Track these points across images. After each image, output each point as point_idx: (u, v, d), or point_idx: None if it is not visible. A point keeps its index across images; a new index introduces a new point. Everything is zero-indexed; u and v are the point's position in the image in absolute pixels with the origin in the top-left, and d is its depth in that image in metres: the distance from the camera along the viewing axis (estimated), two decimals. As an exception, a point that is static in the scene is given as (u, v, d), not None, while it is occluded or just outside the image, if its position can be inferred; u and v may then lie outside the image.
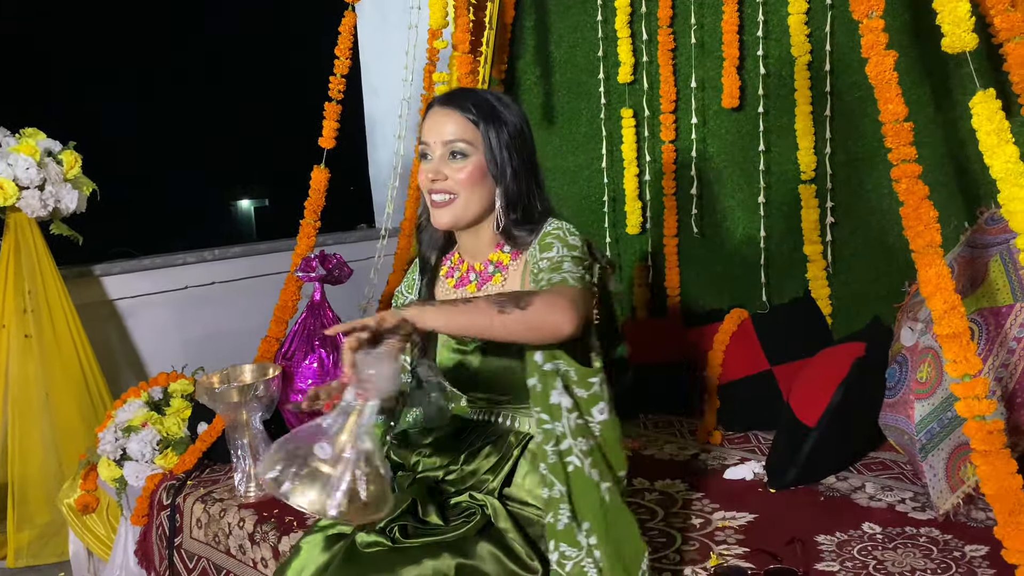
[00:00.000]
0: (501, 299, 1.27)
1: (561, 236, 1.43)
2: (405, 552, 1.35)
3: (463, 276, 1.57)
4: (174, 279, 3.31)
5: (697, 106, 2.58)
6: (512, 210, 1.46)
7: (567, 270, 1.36)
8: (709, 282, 2.70)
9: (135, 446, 2.37)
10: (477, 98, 1.48)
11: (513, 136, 1.45)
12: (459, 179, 1.43)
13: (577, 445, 1.37)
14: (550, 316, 1.26)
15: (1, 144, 2.58)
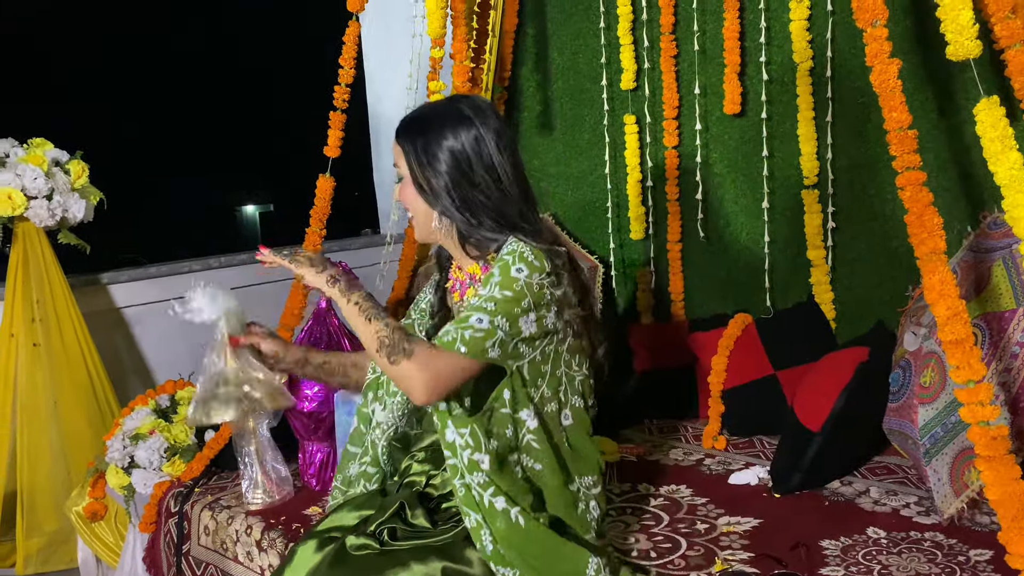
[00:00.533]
0: (384, 338, 1.36)
1: (506, 265, 1.41)
2: (393, 555, 1.39)
3: (454, 283, 1.63)
4: (180, 286, 3.31)
5: (700, 112, 2.59)
6: (462, 222, 1.47)
7: (469, 327, 1.35)
8: (713, 287, 2.71)
9: (143, 454, 2.38)
10: (413, 119, 1.52)
11: (438, 151, 1.46)
12: (402, 197, 1.54)
13: (475, 479, 1.40)
14: (409, 382, 1.36)
15: (9, 155, 2.61)
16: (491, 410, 1.43)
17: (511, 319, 1.38)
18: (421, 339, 1.40)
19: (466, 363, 1.36)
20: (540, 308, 1.41)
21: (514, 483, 1.42)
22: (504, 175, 1.46)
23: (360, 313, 1.41)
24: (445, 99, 1.61)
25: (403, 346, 1.34)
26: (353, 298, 1.43)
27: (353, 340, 2.19)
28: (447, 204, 1.47)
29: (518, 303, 1.38)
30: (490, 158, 1.46)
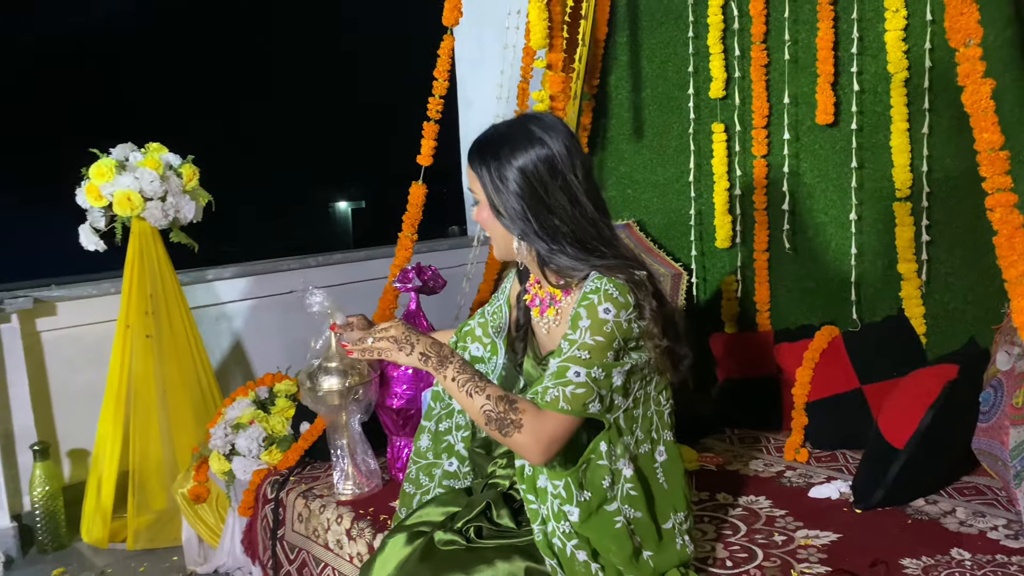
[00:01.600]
0: (490, 412, 1.36)
1: (593, 307, 1.39)
2: (479, 552, 1.45)
3: (534, 297, 1.64)
4: (279, 284, 3.50)
5: (790, 122, 2.57)
6: (542, 245, 1.46)
7: (568, 383, 1.36)
8: (799, 298, 2.68)
9: (243, 442, 2.53)
10: (485, 142, 1.50)
11: (513, 175, 1.44)
12: (481, 221, 1.54)
13: (560, 527, 1.41)
14: (523, 451, 1.38)
15: (129, 159, 2.80)
16: (587, 462, 1.43)
17: (606, 369, 1.38)
18: (524, 404, 1.38)
19: (570, 420, 1.37)
20: (629, 344, 1.42)
21: (604, 535, 1.42)
22: (578, 193, 1.45)
23: (460, 389, 1.40)
24: (515, 119, 1.56)
25: (510, 418, 1.35)
26: (449, 374, 1.41)
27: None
28: (524, 228, 1.46)
29: (610, 346, 1.38)
30: (563, 178, 1.44)
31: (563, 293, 1.54)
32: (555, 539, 1.41)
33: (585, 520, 1.41)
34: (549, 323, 1.58)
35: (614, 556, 1.43)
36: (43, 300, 3.01)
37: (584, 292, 1.43)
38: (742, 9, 2.63)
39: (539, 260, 1.49)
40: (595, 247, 1.46)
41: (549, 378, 1.38)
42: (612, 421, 1.43)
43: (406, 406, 2.24)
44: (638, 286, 1.43)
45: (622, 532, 1.43)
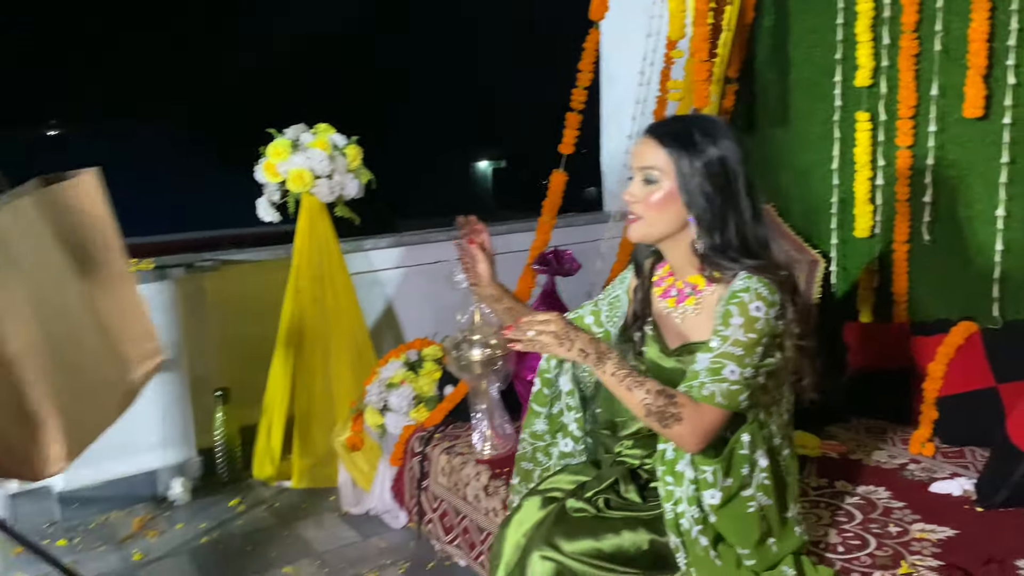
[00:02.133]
0: (650, 406, 1.45)
1: (744, 304, 1.46)
2: (607, 521, 1.58)
3: (668, 289, 1.68)
4: (428, 254, 3.76)
5: (937, 113, 2.53)
6: (708, 236, 1.52)
7: (724, 380, 1.44)
8: (938, 291, 2.65)
9: (395, 400, 2.81)
10: (678, 128, 1.56)
11: (709, 166, 1.50)
12: (648, 203, 1.55)
13: (690, 512, 1.51)
14: (681, 441, 1.48)
15: (301, 139, 3.11)
16: (731, 451, 1.52)
17: (756, 367, 1.46)
18: (682, 397, 1.46)
19: (724, 414, 1.47)
20: (775, 341, 1.49)
21: (736, 519, 1.52)
22: (753, 193, 1.54)
23: (619, 384, 1.47)
24: (697, 115, 1.65)
25: (670, 411, 1.44)
26: (608, 369, 1.48)
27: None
28: (703, 215, 1.51)
29: (760, 342, 1.46)
30: (747, 179, 1.53)
31: (706, 283, 1.59)
32: (683, 520, 1.52)
33: (723, 505, 1.51)
34: (686, 312, 1.62)
35: (741, 540, 1.53)
36: (229, 262, 3.40)
37: (733, 290, 1.49)
38: (894, -3, 2.59)
39: (703, 247, 1.53)
40: (753, 247, 1.53)
41: (704, 374, 1.46)
42: (755, 415, 1.53)
43: (541, 378, 2.42)
44: (782, 286, 1.51)
45: (754, 517, 1.54)
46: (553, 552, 1.51)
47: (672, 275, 1.68)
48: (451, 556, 2.48)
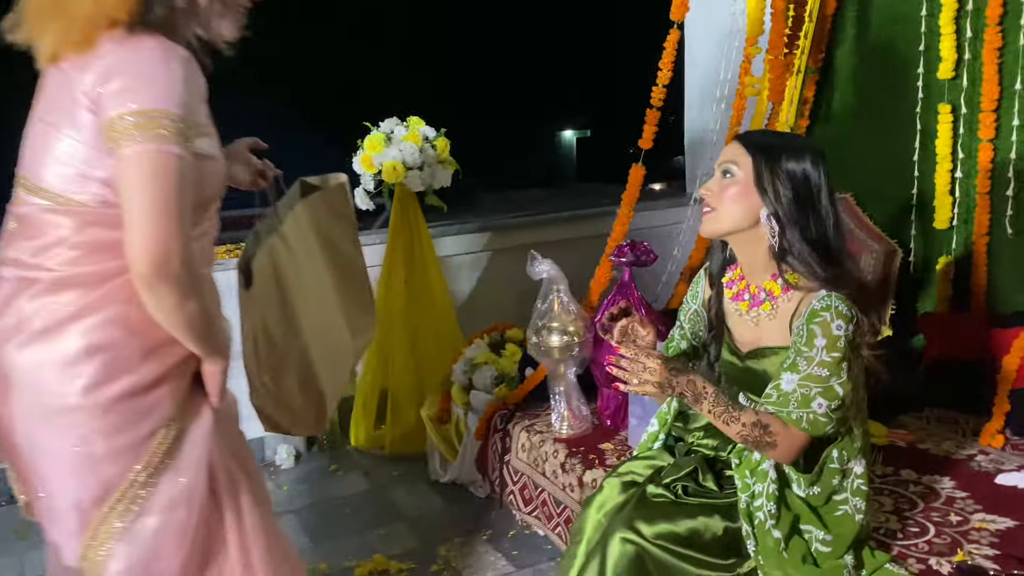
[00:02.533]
0: (747, 437, 1.55)
1: (826, 323, 1.52)
2: (684, 507, 1.68)
3: (740, 292, 1.72)
4: (513, 238, 3.93)
5: (1020, 107, 2.52)
6: (784, 236, 1.58)
7: (811, 411, 1.52)
8: (1019, 283, 2.66)
9: (479, 378, 3.00)
10: (764, 137, 1.65)
11: (789, 173, 1.57)
12: (722, 195, 1.62)
13: (767, 507, 1.61)
14: (772, 457, 1.59)
15: (394, 132, 3.30)
16: (822, 467, 1.62)
17: (844, 387, 1.53)
18: (775, 425, 1.54)
19: (809, 438, 1.57)
20: (855, 353, 1.55)
21: (827, 518, 1.64)
22: (839, 219, 1.61)
23: (717, 419, 1.57)
24: (790, 135, 1.73)
25: (765, 440, 1.54)
26: (704, 407, 1.57)
27: (650, 312, 2.56)
28: (782, 209, 1.57)
29: (844, 358, 1.52)
30: (830, 198, 1.59)
31: (782, 290, 1.63)
32: (759, 513, 1.61)
33: (813, 500, 1.63)
34: (760, 317, 1.67)
35: (826, 534, 1.63)
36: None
37: (814, 308, 1.54)
38: (979, -11, 2.58)
39: (780, 248, 1.59)
40: (835, 254, 1.59)
41: (795, 401, 1.54)
42: (844, 431, 1.61)
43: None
44: (856, 300, 1.57)
45: (844, 518, 1.65)
46: (633, 535, 1.61)
47: (744, 278, 1.72)
48: (530, 526, 2.67)
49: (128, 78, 1.23)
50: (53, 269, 1.33)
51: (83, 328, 1.32)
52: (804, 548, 1.63)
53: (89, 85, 1.25)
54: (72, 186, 1.31)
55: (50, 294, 1.33)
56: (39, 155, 1.34)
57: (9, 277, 1.37)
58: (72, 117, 1.28)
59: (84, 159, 1.30)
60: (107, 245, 1.32)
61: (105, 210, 1.31)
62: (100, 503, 1.35)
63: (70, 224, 1.32)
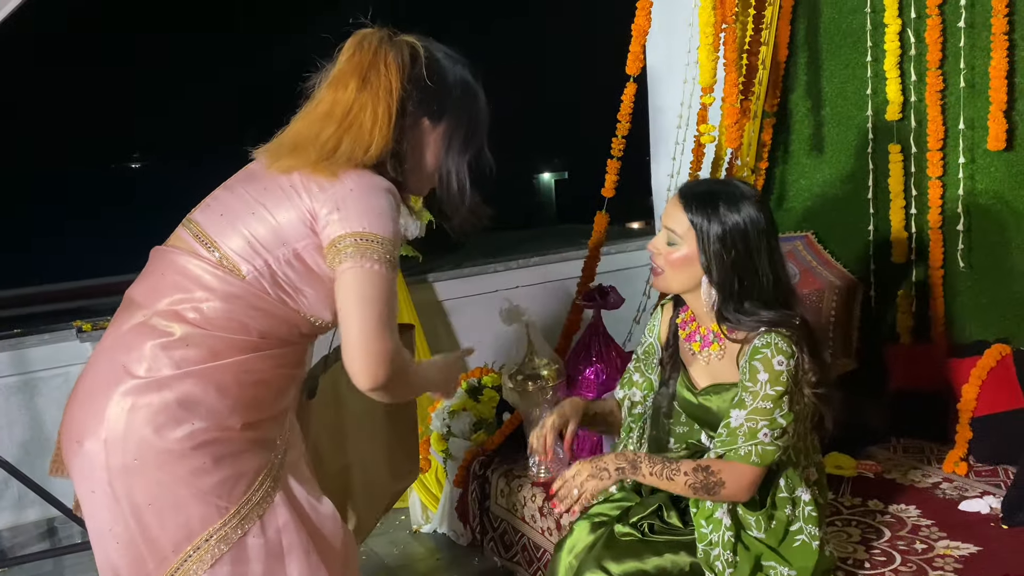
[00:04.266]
0: (694, 485, 1.61)
1: (767, 359, 1.61)
2: (652, 545, 1.73)
3: (691, 333, 1.82)
4: (488, 284, 4.00)
5: (965, 145, 2.64)
6: (721, 296, 1.67)
7: (759, 443, 1.59)
8: (975, 313, 2.75)
9: (457, 425, 3.04)
10: (705, 195, 1.69)
11: (729, 233, 1.64)
12: (668, 260, 1.71)
13: (724, 556, 1.66)
14: (731, 499, 1.65)
15: (367, 185, 3.38)
16: (772, 498, 1.69)
17: (787, 419, 1.61)
18: (715, 464, 1.62)
19: (761, 470, 1.63)
20: (797, 388, 1.63)
21: (785, 551, 1.69)
22: (780, 265, 1.69)
23: (659, 480, 1.63)
24: (728, 181, 1.79)
25: (712, 481, 1.60)
26: (644, 471, 1.63)
27: (620, 353, 2.63)
28: (723, 280, 1.65)
29: (786, 392, 1.61)
30: (767, 242, 1.66)
31: (729, 331, 1.71)
32: (717, 562, 1.68)
33: (770, 539, 1.69)
34: (710, 357, 1.77)
35: (789, 569, 1.68)
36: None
37: (755, 346, 1.63)
38: (919, 36, 2.71)
39: (719, 308, 1.68)
40: (772, 305, 1.67)
41: (742, 436, 1.61)
42: (789, 460, 1.69)
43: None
44: (797, 337, 1.66)
45: (803, 548, 1.70)
46: (603, 574, 1.67)
47: (695, 320, 1.82)
48: (512, 571, 2.69)
49: (354, 207, 1.42)
50: (186, 324, 1.43)
51: (192, 386, 1.41)
52: None
53: (319, 205, 1.43)
54: (242, 256, 1.45)
55: (174, 348, 1.42)
56: (229, 219, 1.48)
57: (139, 318, 1.45)
58: (284, 213, 1.45)
59: (267, 244, 1.45)
60: (242, 322, 1.45)
61: (255, 289, 1.45)
62: (180, 549, 1.41)
63: (221, 288, 1.44)
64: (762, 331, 1.65)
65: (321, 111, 1.50)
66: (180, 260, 1.47)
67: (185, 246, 1.49)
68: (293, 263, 1.46)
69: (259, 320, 1.45)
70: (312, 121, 1.50)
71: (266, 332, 1.47)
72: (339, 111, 1.47)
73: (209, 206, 1.53)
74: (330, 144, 1.46)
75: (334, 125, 1.47)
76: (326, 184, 1.44)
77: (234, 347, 1.44)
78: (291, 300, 1.48)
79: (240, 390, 1.44)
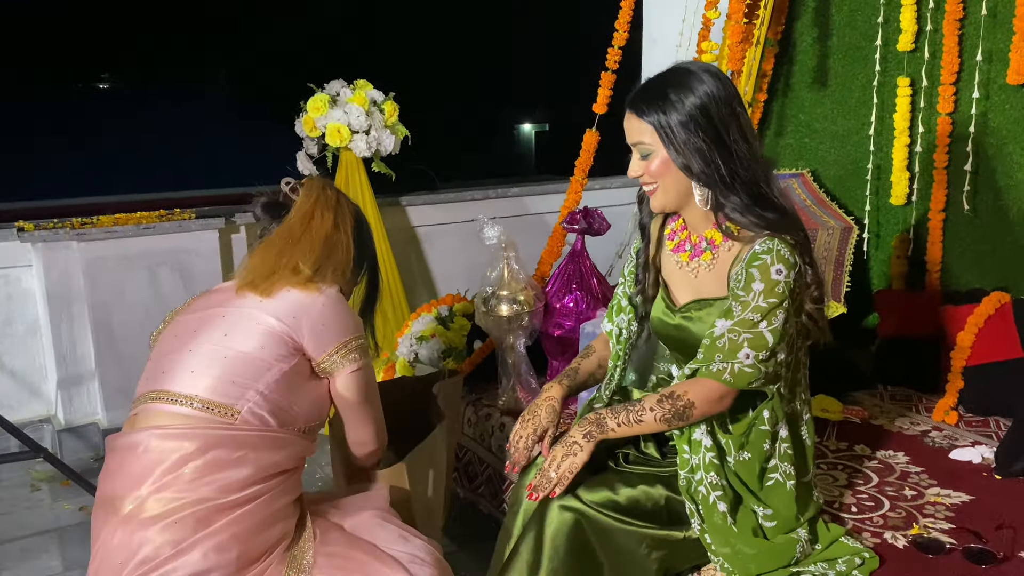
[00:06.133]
0: (663, 416, 1.49)
1: (766, 266, 1.46)
2: (624, 475, 1.60)
3: (681, 243, 1.66)
4: (464, 212, 3.81)
5: (980, 79, 2.48)
6: (713, 193, 1.50)
7: (737, 361, 1.45)
8: (974, 261, 2.63)
9: (425, 352, 2.87)
10: (650, 92, 1.51)
11: (691, 116, 1.46)
12: (653, 175, 1.54)
13: (708, 479, 1.54)
14: (708, 416, 1.53)
15: (340, 94, 3.16)
16: (751, 427, 1.55)
17: (774, 335, 1.45)
18: (679, 387, 1.49)
19: (734, 391, 1.49)
20: (794, 304, 1.48)
21: (760, 489, 1.57)
22: (749, 134, 1.50)
23: (629, 427, 1.51)
24: (672, 68, 1.55)
25: (680, 406, 1.48)
26: (610, 426, 1.51)
27: (602, 281, 2.47)
28: (706, 171, 1.48)
29: (780, 306, 1.45)
30: (737, 119, 1.48)
31: (723, 239, 1.57)
32: (700, 487, 1.55)
33: (747, 475, 1.56)
34: (700, 267, 1.61)
35: (765, 508, 1.56)
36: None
37: (755, 251, 1.48)
38: (939, -41, 2.53)
39: (714, 203, 1.52)
40: (765, 194, 1.51)
41: (719, 352, 1.46)
42: (776, 391, 1.53)
43: (566, 335, 2.47)
44: (802, 249, 1.51)
45: (776, 487, 1.57)
46: (573, 501, 1.53)
47: (685, 229, 1.66)
48: (475, 503, 2.56)
49: (333, 320, 1.57)
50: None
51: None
52: (753, 521, 1.56)
53: (299, 323, 1.54)
54: (229, 395, 1.52)
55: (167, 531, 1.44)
56: (197, 366, 1.52)
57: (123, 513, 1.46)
58: (254, 341, 1.53)
59: (250, 375, 1.52)
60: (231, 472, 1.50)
61: (250, 426, 1.52)
62: None
63: (203, 442, 1.49)
64: (765, 236, 1.49)
65: (298, 236, 1.63)
66: (145, 439, 1.45)
67: (152, 417, 1.49)
68: (281, 382, 1.52)
69: (250, 462, 1.47)
70: (289, 246, 1.61)
71: (260, 469, 1.48)
72: (318, 241, 1.62)
73: (163, 367, 1.54)
74: (316, 264, 1.60)
75: (318, 248, 1.62)
76: (305, 302, 1.56)
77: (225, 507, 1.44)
78: (287, 423, 1.54)
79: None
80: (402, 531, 1.63)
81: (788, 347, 1.52)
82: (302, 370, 1.55)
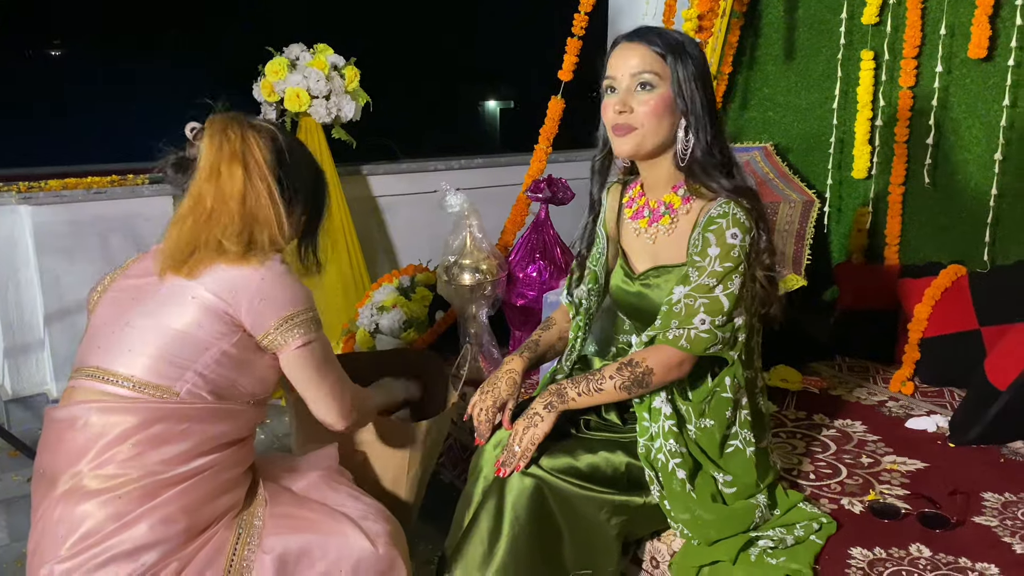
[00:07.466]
0: (623, 384, 1.49)
1: (721, 230, 1.45)
2: (585, 442, 1.59)
3: (639, 209, 1.64)
4: (427, 183, 3.75)
5: (943, 53, 2.49)
6: (697, 144, 1.49)
7: (693, 327, 1.45)
8: (931, 234, 2.66)
9: (386, 322, 2.83)
10: (664, 33, 1.51)
11: (700, 72, 1.48)
12: (644, 111, 1.48)
13: (667, 446, 1.53)
14: (669, 382, 1.52)
15: (299, 58, 3.07)
16: (712, 395, 1.53)
17: (730, 299, 1.44)
18: (638, 355, 1.49)
19: (692, 356, 1.49)
20: (750, 270, 1.48)
21: (722, 457, 1.56)
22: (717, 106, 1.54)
23: (590, 396, 1.51)
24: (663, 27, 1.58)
25: (638, 373, 1.48)
26: (571, 396, 1.51)
27: (565, 251, 2.45)
28: (702, 121, 1.48)
29: (736, 270, 1.45)
30: (714, 90, 1.53)
31: (681, 202, 1.56)
32: (660, 455, 1.54)
33: (706, 443, 1.55)
34: (658, 233, 1.59)
35: (724, 475, 1.55)
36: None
37: (711, 216, 1.47)
38: (905, -69, 2.53)
39: (691, 159, 1.50)
40: (728, 159, 1.52)
41: (676, 318, 1.46)
42: (736, 358, 1.52)
43: (529, 304, 2.44)
44: (758, 215, 1.51)
45: (736, 453, 1.57)
46: (533, 467, 1.52)
47: (644, 195, 1.65)
48: (437, 472, 2.54)
49: (273, 294, 1.42)
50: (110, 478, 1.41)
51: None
52: (712, 487, 1.56)
53: (238, 299, 1.40)
54: (166, 376, 1.43)
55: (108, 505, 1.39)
56: (132, 345, 1.42)
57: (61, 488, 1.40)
58: (190, 316, 1.41)
59: (189, 355, 1.42)
60: (176, 446, 1.44)
61: (190, 403, 1.43)
62: None
63: (144, 419, 1.43)
64: (720, 201, 1.49)
65: (209, 206, 1.44)
66: (84, 413, 1.38)
67: (90, 393, 1.40)
68: (222, 361, 1.42)
69: (196, 434, 1.40)
70: (203, 220, 1.43)
71: (207, 441, 1.42)
72: (234, 205, 1.43)
73: (99, 342, 1.44)
74: (244, 237, 1.42)
75: (236, 218, 1.43)
76: (243, 277, 1.41)
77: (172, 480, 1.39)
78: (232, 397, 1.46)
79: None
80: (352, 491, 1.60)
81: (746, 312, 1.51)
82: (246, 345, 1.43)
